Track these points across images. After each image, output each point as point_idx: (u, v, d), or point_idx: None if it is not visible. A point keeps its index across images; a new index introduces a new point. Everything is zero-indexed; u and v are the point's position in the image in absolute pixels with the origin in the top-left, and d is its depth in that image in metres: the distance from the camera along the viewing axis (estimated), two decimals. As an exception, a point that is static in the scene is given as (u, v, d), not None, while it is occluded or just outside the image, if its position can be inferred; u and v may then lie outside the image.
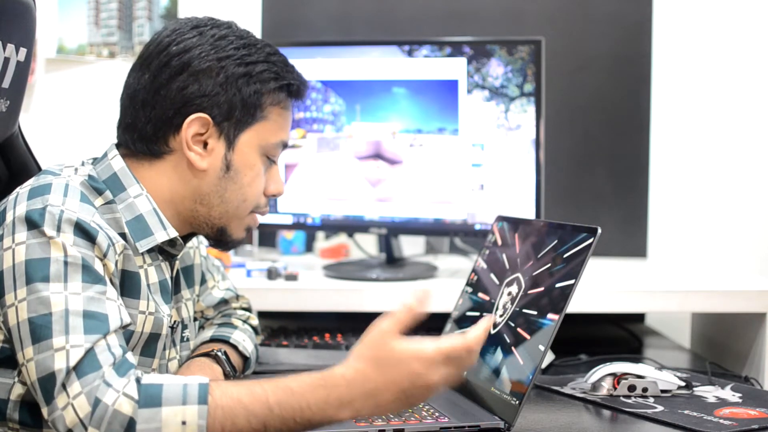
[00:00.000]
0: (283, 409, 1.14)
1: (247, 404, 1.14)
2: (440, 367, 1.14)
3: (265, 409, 1.14)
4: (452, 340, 1.15)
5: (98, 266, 1.22)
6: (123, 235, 1.31)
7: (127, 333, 1.28)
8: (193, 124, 1.34)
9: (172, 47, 1.35)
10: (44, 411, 1.14)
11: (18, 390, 1.24)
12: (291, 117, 1.44)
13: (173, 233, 1.37)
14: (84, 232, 1.22)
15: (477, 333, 1.16)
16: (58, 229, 1.21)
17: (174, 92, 1.34)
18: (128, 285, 1.30)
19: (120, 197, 1.34)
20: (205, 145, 1.36)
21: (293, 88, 1.41)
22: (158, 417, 1.11)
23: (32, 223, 1.21)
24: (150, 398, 1.12)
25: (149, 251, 1.36)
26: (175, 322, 1.43)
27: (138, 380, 1.14)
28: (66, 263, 1.19)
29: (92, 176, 1.34)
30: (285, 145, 1.44)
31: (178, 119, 1.34)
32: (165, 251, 1.40)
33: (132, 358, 1.18)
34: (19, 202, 1.24)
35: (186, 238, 1.44)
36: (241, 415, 1.13)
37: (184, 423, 1.12)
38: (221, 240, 1.43)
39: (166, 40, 1.36)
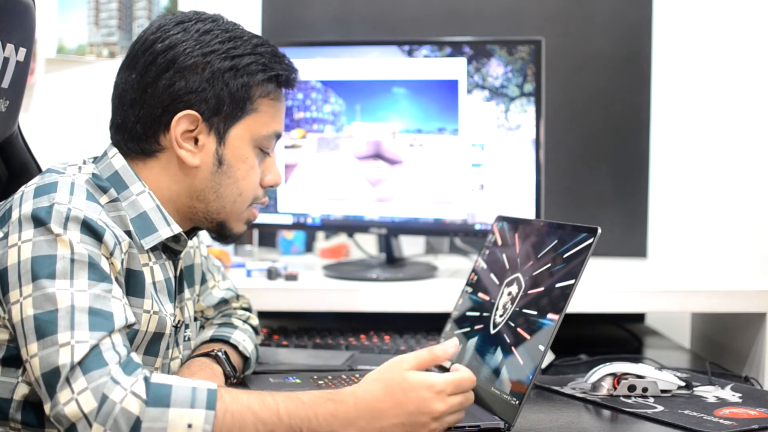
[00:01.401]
0: (292, 418, 1.16)
1: (257, 411, 1.16)
2: (447, 397, 1.20)
3: (275, 417, 1.16)
4: (461, 374, 1.22)
5: (104, 264, 1.22)
6: (128, 233, 1.32)
7: (131, 332, 1.29)
8: (182, 121, 1.34)
9: (157, 45, 1.35)
10: (47, 407, 1.14)
11: (22, 390, 1.25)
12: (283, 107, 1.43)
13: (177, 229, 1.38)
14: (91, 230, 1.22)
15: (468, 371, 1.24)
16: (65, 227, 1.21)
17: (161, 90, 1.34)
18: (133, 284, 1.30)
19: (123, 195, 1.34)
20: (196, 141, 1.36)
21: (282, 78, 1.40)
22: (165, 417, 1.12)
23: (39, 221, 1.21)
24: (159, 398, 1.13)
25: (153, 249, 1.36)
26: (179, 321, 1.43)
27: (146, 379, 1.14)
28: (72, 260, 1.19)
29: (96, 174, 1.34)
30: (279, 136, 1.43)
31: (166, 117, 1.34)
32: (168, 249, 1.40)
33: (137, 357, 1.18)
34: (25, 200, 1.24)
35: (189, 233, 1.44)
36: (249, 422, 1.15)
37: (190, 426, 1.12)
38: (222, 234, 1.44)
39: (151, 38, 1.36)
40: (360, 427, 1.17)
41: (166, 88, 1.34)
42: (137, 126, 1.36)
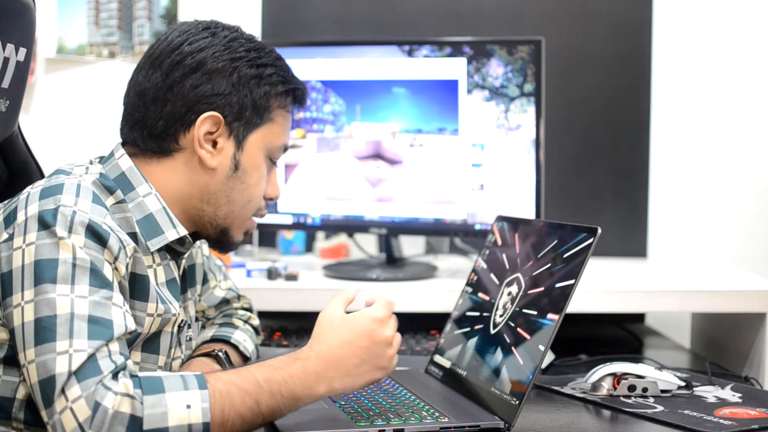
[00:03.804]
0: (270, 383, 1.20)
1: (240, 384, 1.19)
2: (388, 321, 1.29)
3: (256, 386, 1.20)
4: (380, 297, 1.32)
5: (107, 270, 1.22)
6: (134, 235, 1.32)
7: (133, 335, 1.29)
8: (206, 122, 1.35)
9: (184, 46, 1.36)
10: (43, 414, 1.14)
11: (24, 389, 1.24)
12: (291, 121, 1.47)
13: (183, 231, 1.38)
14: (96, 234, 1.22)
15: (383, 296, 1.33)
16: (70, 230, 1.20)
17: (187, 90, 1.35)
18: (138, 287, 1.30)
19: (129, 196, 1.34)
20: (215, 144, 1.37)
21: (298, 93, 1.45)
22: (163, 402, 1.13)
23: (44, 224, 1.21)
24: (153, 387, 1.15)
25: (158, 250, 1.36)
26: (182, 321, 1.43)
27: (133, 376, 1.15)
28: (74, 265, 1.19)
29: (104, 174, 1.34)
30: (286, 149, 1.47)
31: (190, 117, 1.35)
32: (172, 250, 1.40)
33: (132, 364, 1.19)
34: (31, 202, 1.24)
35: (194, 236, 1.44)
36: (236, 395, 1.18)
37: (188, 406, 1.14)
38: (221, 241, 1.45)
39: (178, 40, 1.37)
40: (330, 377, 1.24)
41: (193, 89, 1.35)
42: (159, 123, 1.36)
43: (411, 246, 2.37)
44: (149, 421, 1.12)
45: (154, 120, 1.36)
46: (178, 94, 1.35)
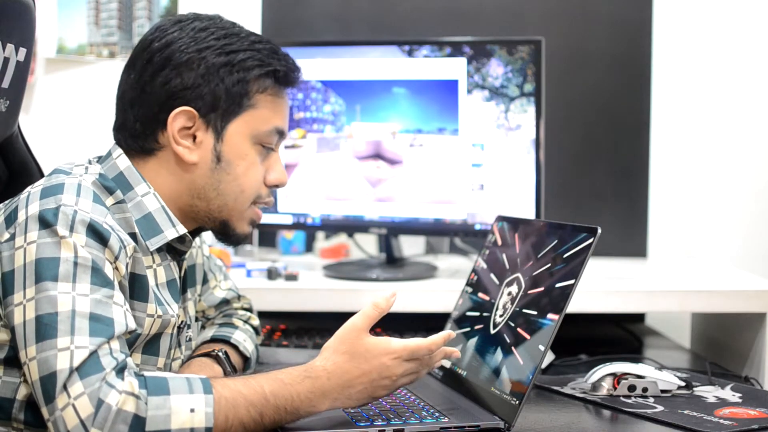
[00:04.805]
0: (277, 398, 1.22)
1: (246, 395, 1.20)
2: (404, 363, 1.28)
3: (262, 399, 1.21)
4: (417, 340, 1.29)
5: (108, 270, 1.22)
6: (133, 235, 1.31)
7: (133, 336, 1.29)
8: (178, 118, 1.34)
9: (154, 44, 1.36)
10: (44, 411, 1.14)
11: (24, 390, 1.24)
12: (284, 103, 1.42)
13: (182, 230, 1.37)
14: (97, 233, 1.22)
15: (437, 338, 1.30)
16: (71, 230, 1.20)
17: (158, 88, 1.34)
18: (137, 288, 1.30)
19: (128, 196, 1.34)
20: (195, 138, 1.36)
21: (280, 74, 1.38)
22: (167, 404, 1.14)
23: (45, 223, 1.21)
24: (158, 388, 1.15)
25: (158, 250, 1.36)
26: (182, 322, 1.43)
27: (140, 376, 1.16)
28: (76, 264, 1.19)
29: (103, 174, 1.34)
30: (281, 133, 1.41)
31: (163, 114, 1.34)
32: (173, 250, 1.40)
33: (132, 363, 1.19)
34: (32, 201, 1.24)
35: (192, 234, 1.43)
36: (241, 405, 1.19)
37: (192, 410, 1.15)
38: (225, 234, 1.42)
39: (149, 38, 1.37)
40: (333, 397, 1.26)
41: (163, 86, 1.34)
42: (137, 125, 1.36)
43: (411, 246, 2.37)
44: (152, 422, 1.12)
45: (132, 122, 1.36)
46: (150, 93, 1.34)
